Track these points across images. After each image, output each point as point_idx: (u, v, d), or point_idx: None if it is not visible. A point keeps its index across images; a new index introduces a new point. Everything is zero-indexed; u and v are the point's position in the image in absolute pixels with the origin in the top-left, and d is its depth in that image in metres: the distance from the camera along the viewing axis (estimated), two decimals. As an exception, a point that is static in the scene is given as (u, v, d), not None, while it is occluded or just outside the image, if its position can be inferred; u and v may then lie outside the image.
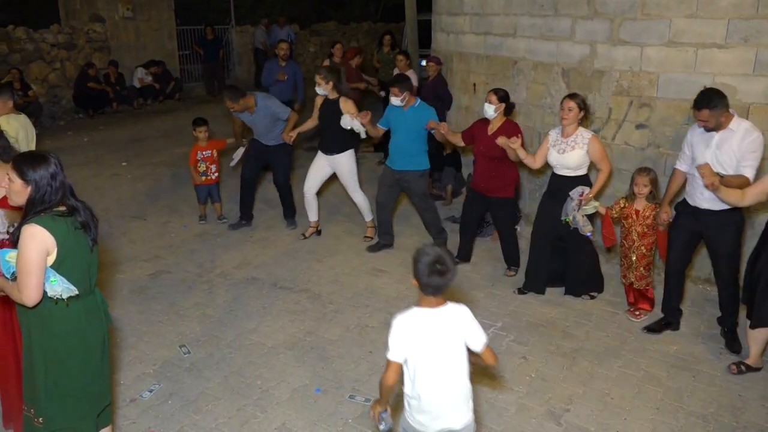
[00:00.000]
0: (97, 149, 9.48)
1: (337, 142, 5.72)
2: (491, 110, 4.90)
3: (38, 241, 2.42)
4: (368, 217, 6.04)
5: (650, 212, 4.34)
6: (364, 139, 5.95)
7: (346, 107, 5.56)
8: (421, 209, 5.69)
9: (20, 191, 2.50)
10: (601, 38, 5.23)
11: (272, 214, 6.68)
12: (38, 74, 11.65)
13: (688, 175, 4.17)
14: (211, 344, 4.23)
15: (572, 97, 4.49)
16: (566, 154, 4.50)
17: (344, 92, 5.86)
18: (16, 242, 2.48)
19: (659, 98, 4.95)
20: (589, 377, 3.87)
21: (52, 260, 2.47)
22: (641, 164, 5.01)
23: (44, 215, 2.48)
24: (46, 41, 11.81)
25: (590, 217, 4.59)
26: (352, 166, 5.85)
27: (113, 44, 12.97)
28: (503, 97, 4.90)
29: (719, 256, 4.10)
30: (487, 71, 6.71)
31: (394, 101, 5.33)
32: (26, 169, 2.48)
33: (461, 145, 5.41)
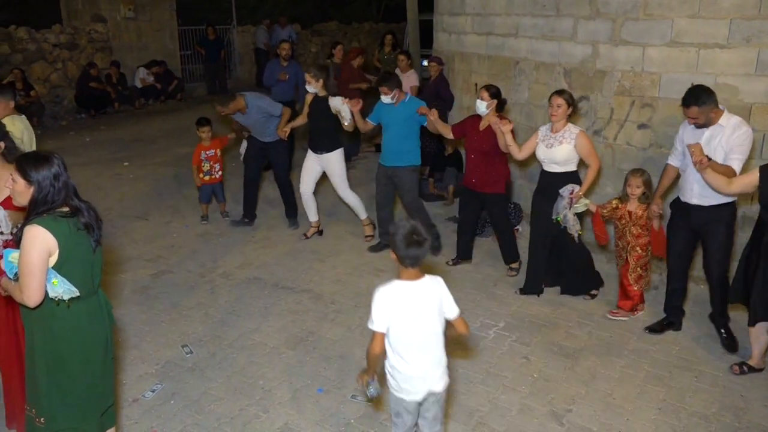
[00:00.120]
0: (98, 149, 9.48)
1: (326, 140, 5.73)
2: (483, 106, 4.92)
3: (40, 242, 2.42)
4: (363, 215, 6.04)
5: (643, 212, 4.34)
6: (365, 139, 5.94)
7: (335, 104, 5.60)
8: (409, 207, 5.64)
9: (23, 192, 2.50)
10: (603, 38, 5.22)
11: (274, 214, 6.69)
12: (40, 74, 11.67)
13: (680, 171, 4.19)
14: (213, 344, 4.23)
15: (560, 93, 4.49)
16: (554, 148, 4.51)
17: (333, 92, 5.87)
18: (18, 243, 2.48)
19: (661, 98, 4.95)
20: (591, 377, 3.87)
21: (53, 261, 2.47)
22: (643, 164, 5.01)
23: (47, 216, 2.47)
24: (48, 41, 11.84)
25: (580, 216, 4.59)
26: (341, 165, 5.84)
27: (115, 44, 12.99)
28: (495, 93, 4.93)
29: (709, 251, 4.10)
30: (488, 71, 6.70)
31: (384, 99, 5.36)
32: (29, 169, 2.48)
33: (450, 137, 5.42)
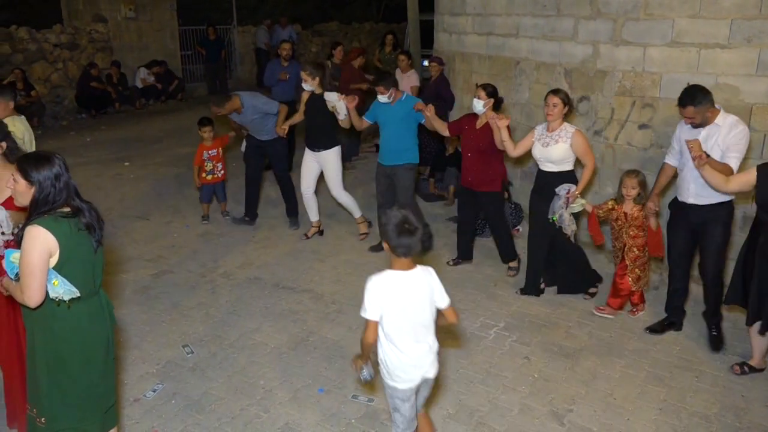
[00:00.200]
0: (99, 149, 9.49)
1: (323, 138, 5.74)
2: (480, 105, 4.92)
3: (40, 242, 2.42)
4: (357, 213, 6.04)
5: (639, 213, 4.34)
6: (365, 139, 5.93)
7: (331, 94, 5.60)
8: (401, 204, 5.63)
9: (24, 192, 2.50)
10: (603, 38, 5.22)
11: (275, 214, 6.69)
12: (41, 74, 11.68)
13: (677, 170, 4.20)
14: (214, 344, 4.23)
15: (556, 92, 4.49)
16: (550, 147, 4.51)
17: (328, 88, 5.87)
18: (20, 243, 2.47)
19: (662, 98, 4.95)
20: (591, 377, 3.87)
21: (54, 262, 2.47)
22: (644, 165, 5.02)
23: (48, 216, 2.47)
24: (48, 41, 11.84)
25: (576, 215, 4.59)
26: (337, 163, 5.84)
27: (116, 44, 13.00)
28: (492, 92, 4.93)
29: (705, 249, 4.10)
30: (489, 71, 6.70)
31: (381, 98, 5.37)
32: (30, 169, 2.47)
33: (446, 134, 5.42)
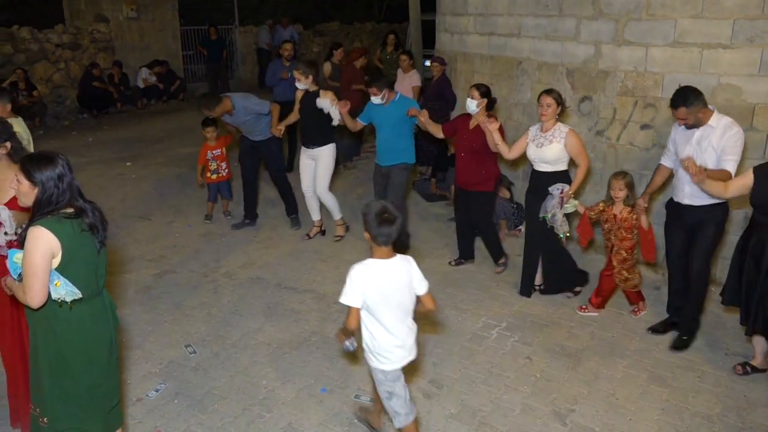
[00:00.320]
0: (101, 149, 9.50)
1: (318, 135, 5.74)
2: (473, 105, 4.93)
3: (43, 243, 2.41)
4: (337, 215, 6.02)
5: (628, 215, 4.35)
6: (367, 139, 5.93)
7: (325, 95, 5.60)
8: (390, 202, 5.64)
9: (28, 192, 2.50)
10: (605, 38, 5.22)
11: (276, 214, 6.69)
12: (43, 74, 11.70)
13: (673, 171, 4.20)
14: (216, 344, 4.24)
15: (549, 92, 4.50)
16: (544, 147, 4.51)
17: (324, 86, 5.86)
18: (23, 243, 2.47)
19: (664, 99, 4.94)
20: (594, 377, 3.88)
21: (57, 263, 2.46)
22: (646, 165, 5.02)
23: (50, 217, 2.47)
24: (50, 41, 11.86)
25: (569, 216, 4.59)
26: (330, 161, 5.84)
27: (117, 44, 13.02)
28: (485, 92, 4.94)
29: (695, 247, 4.09)
30: (491, 71, 6.70)
31: (374, 100, 5.38)
32: (33, 170, 2.47)
33: (440, 136, 5.42)
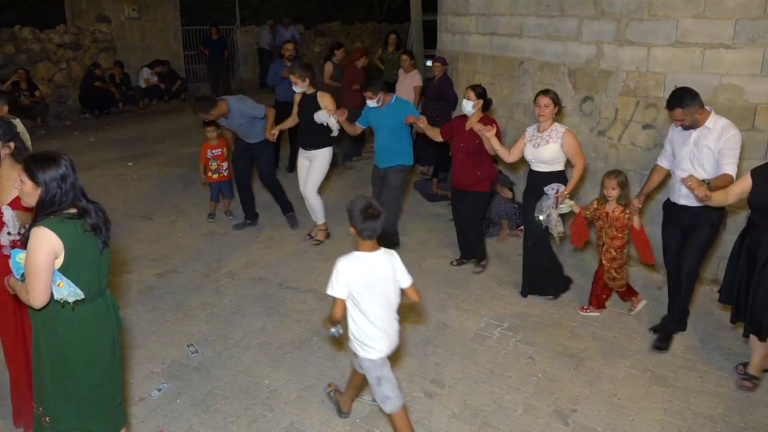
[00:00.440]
0: (102, 149, 9.51)
1: (315, 137, 5.73)
2: (469, 106, 4.93)
3: (46, 243, 2.42)
4: (321, 220, 5.96)
5: (620, 214, 4.36)
6: (368, 140, 5.93)
7: (323, 101, 5.58)
8: (383, 204, 5.59)
9: (31, 193, 2.50)
10: (607, 38, 5.23)
11: (277, 214, 6.68)
12: (44, 74, 11.72)
13: (670, 171, 4.21)
14: (218, 344, 4.25)
15: (546, 93, 4.50)
16: (541, 147, 4.52)
17: (321, 87, 5.85)
18: (26, 243, 2.47)
19: (666, 99, 4.93)
20: (595, 377, 3.88)
21: (59, 263, 2.46)
22: (647, 165, 5.01)
23: (53, 217, 2.47)
24: (52, 41, 11.88)
25: (563, 217, 4.59)
26: (325, 164, 5.82)
27: (119, 44, 13.05)
28: (481, 93, 4.94)
29: (688, 245, 4.09)
30: (492, 71, 6.71)
31: (370, 104, 5.39)
32: (36, 170, 2.47)
33: (439, 139, 5.42)
